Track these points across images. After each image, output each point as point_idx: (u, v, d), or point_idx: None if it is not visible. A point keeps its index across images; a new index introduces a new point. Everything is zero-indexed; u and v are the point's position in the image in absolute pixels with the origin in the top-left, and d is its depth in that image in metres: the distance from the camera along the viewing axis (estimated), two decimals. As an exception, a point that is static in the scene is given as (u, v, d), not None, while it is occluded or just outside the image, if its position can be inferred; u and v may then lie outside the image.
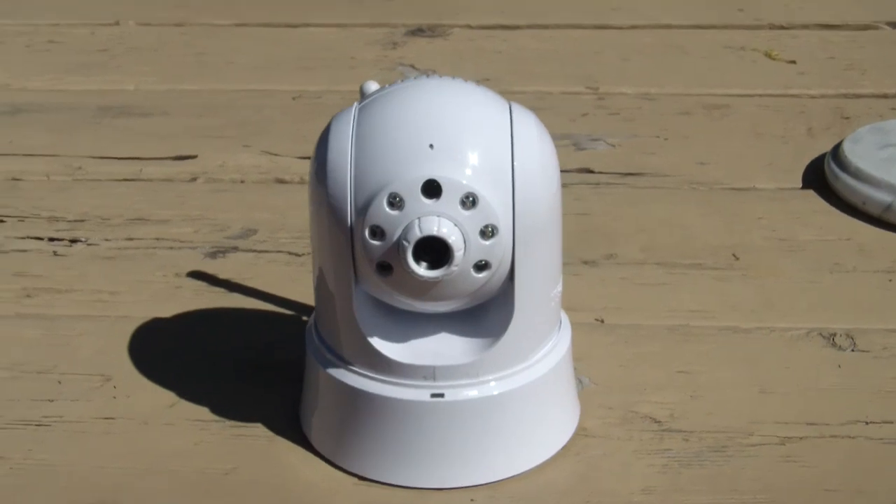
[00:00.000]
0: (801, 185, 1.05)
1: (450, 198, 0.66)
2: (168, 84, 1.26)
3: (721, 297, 0.90)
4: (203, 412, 0.78)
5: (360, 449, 0.72)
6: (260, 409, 0.78)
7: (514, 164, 0.67)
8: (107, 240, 0.98)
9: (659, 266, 0.94)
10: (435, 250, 0.66)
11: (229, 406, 0.78)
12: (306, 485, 0.73)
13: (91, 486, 0.72)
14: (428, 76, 0.71)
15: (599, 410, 0.78)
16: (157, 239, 0.98)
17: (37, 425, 0.78)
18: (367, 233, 0.67)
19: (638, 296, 0.90)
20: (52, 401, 0.80)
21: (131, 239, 0.98)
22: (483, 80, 1.23)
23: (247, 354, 0.83)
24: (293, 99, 1.21)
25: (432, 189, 0.66)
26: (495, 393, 0.71)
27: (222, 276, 0.92)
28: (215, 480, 0.73)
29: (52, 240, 0.98)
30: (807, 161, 1.08)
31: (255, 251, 0.96)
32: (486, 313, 0.72)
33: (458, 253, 0.66)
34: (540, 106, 1.19)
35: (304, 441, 0.75)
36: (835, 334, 0.85)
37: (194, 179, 1.07)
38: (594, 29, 1.36)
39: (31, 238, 0.98)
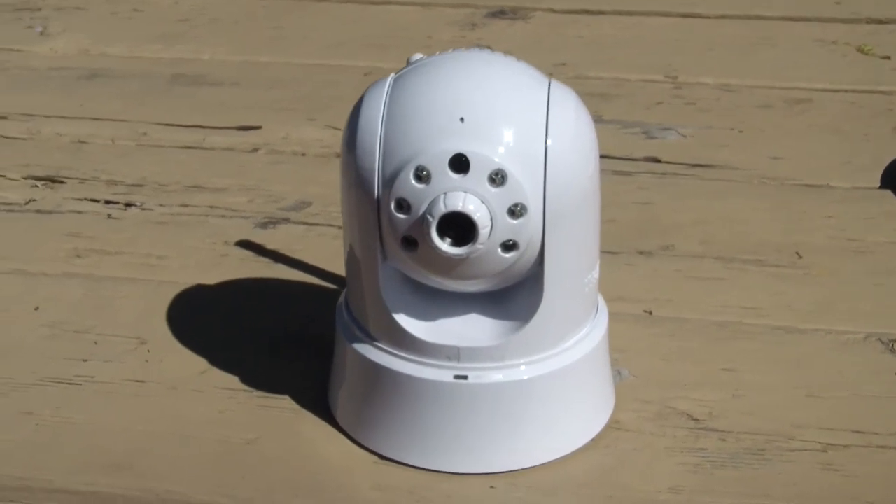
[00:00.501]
0: (878, 186, 1.01)
1: (478, 174, 0.64)
2: (242, 55, 1.25)
3: (777, 295, 0.86)
4: (233, 381, 0.77)
5: (380, 427, 0.71)
6: (290, 381, 0.77)
7: (548, 142, 0.65)
8: (161, 205, 0.98)
9: (716, 260, 0.91)
10: (460, 227, 0.64)
11: (260, 377, 0.77)
12: (325, 460, 0.71)
13: (109, 448, 0.72)
14: (465, 49, 0.69)
15: (635, 404, 0.76)
16: (211, 207, 0.97)
17: (68, 384, 0.77)
18: (393, 206, 0.65)
19: (690, 289, 0.87)
20: (86, 361, 0.79)
21: (185, 205, 0.98)
22: (559, 65, 1.22)
23: (284, 327, 0.82)
24: (364, 75, 1.20)
25: (460, 164, 0.64)
26: (521, 378, 0.69)
27: (270, 246, 0.92)
28: (234, 450, 0.72)
29: (108, 202, 0.98)
30: (887, 161, 1.04)
31: (306, 224, 0.95)
32: (516, 296, 0.70)
33: (484, 230, 0.64)
34: (615, 93, 1.17)
35: (329, 417, 0.74)
36: (895, 341, 0.81)
37: (256, 150, 1.07)
38: (679, 17, 1.33)
39: (88, 200, 0.99)
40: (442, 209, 0.63)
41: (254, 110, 1.13)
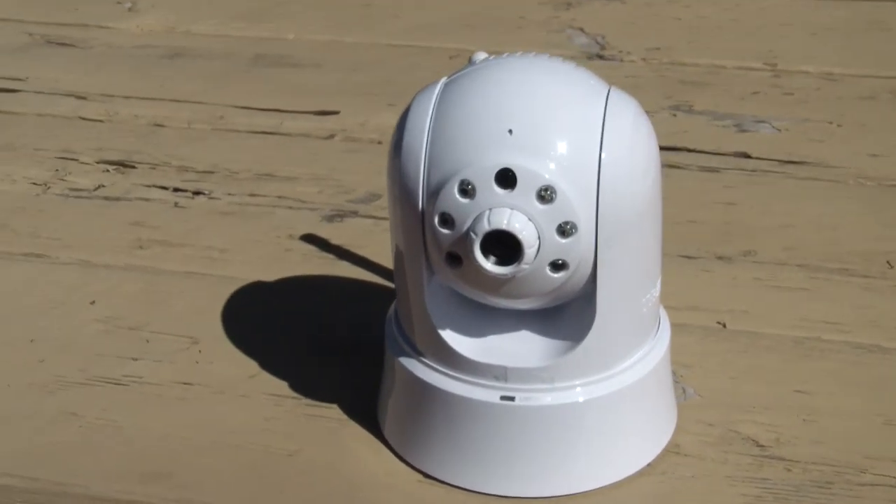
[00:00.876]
0: None
1: (525, 189, 0.60)
2: (328, 35, 1.23)
3: (863, 309, 0.81)
4: (281, 386, 0.75)
5: (425, 445, 0.68)
6: (341, 389, 0.75)
7: (602, 157, 0.61)
8: (230, 194, 0.96)
9: (800, 269, 0.86)
10: (506, 245, 0.61)
11: (310, 383, 0.75)
12: (368, 476, 0.69)
13: (151, 455, 0.71)
14: (520, 54, 0.65)
15: (698, 426, 0.72)
16: (280, 197, 0.95)
17: (115, 384, 0.76)
18: (437, 220, 0.62)
19: (769, 300, 0.82)
20: (136, 359, 0.78)
21: (254, 195, 0.96)
22: (653, 49, 1.17)
23: (340, 329, 0.80)
24: (450, 58, 1.17)
25: (507, 179, 0.60)
26: (572, 402, 0.65)
27: (336, 241, 0.89)
28: (276, 461, 0.70)
29: (176, 190, 0.97)
30: None
31: (373, 217, 0.92)
32: (569, 315, 0.66)
33: (530, 250, 0.60)
34: (709, 81, 1.12)
35: (376, 429, 0.72)
36: None
37: (331, 136, 1.04)
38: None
39: (157, 187, 0.97)
40: (486, 227, 0.60)
41: (333, 94, 1.11)
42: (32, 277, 0.86)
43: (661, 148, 1.00)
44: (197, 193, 0.96)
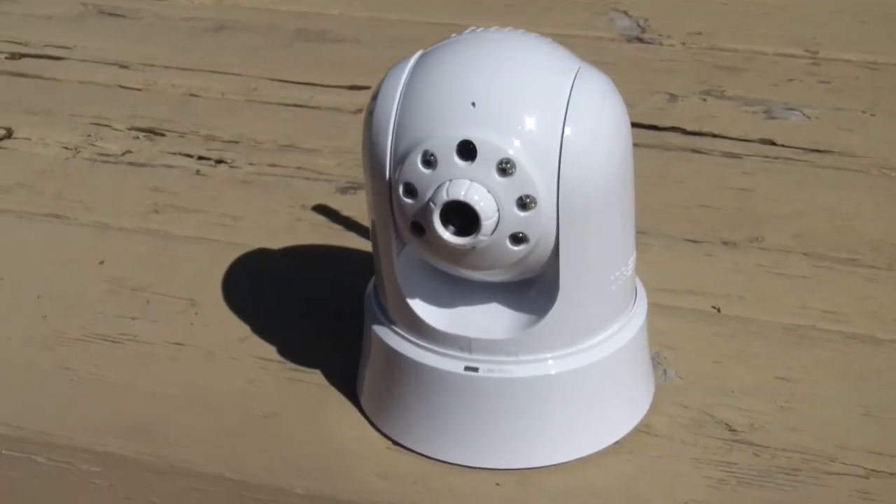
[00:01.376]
0: None
1: (485, 162, 0.61)
2: (372, 12, 1.24)
3: (864, 300, 0.80)
4: (269, 351, 0.77)
5: (394, 413, 0.69)
6: (327, 357, 0.76)
7: (565, 132, 0.61)
8: (250, 164, 0.98)
9: (806, 257, 0.85)
10: (465, 216, 0.61)
11: (298, 349, 0.77)
12: (339, 442, 0.70)
13: (135, 411, 0.73)
14: (495, 29, 0.66)
15: (673, 408, 0.72)
16: (298, 168, 0.97)
17: (111, 342, 0.78)
18: (401, 189, 0.63)
19: (769, 286, 0.82)
20: (134, 319, 0.80)
21: (274, 165, 0.97)
22: (694, 34, 1.16)
23: (337, 298, 0.81)
24: (488, 37, 1.17)
25: (467, 150, 0.61)
26: (535, 375, 0.66)
27: (346, 213, 0.91)
28: (253, 423, 0.72)
29: (200, 158, 0.99)
30: None
31: (386, 192, 0.93)
32: (535, 290, 0.67)
33: (488, 222, 0.61)
34: (744, 66, 1.11)
35: (355, 397, 0.73)
36: (985, 361, 0.75)
37: (359, 111, 1.05)
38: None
39: (182, 155, 0.99)
40: (444, 197, 0.61)
41: (369, 70, 1.12)
42: (50, 237, 0.89)
43: (685, 132, 1.01)
44: (219, 162, 0.98)
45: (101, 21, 1.24)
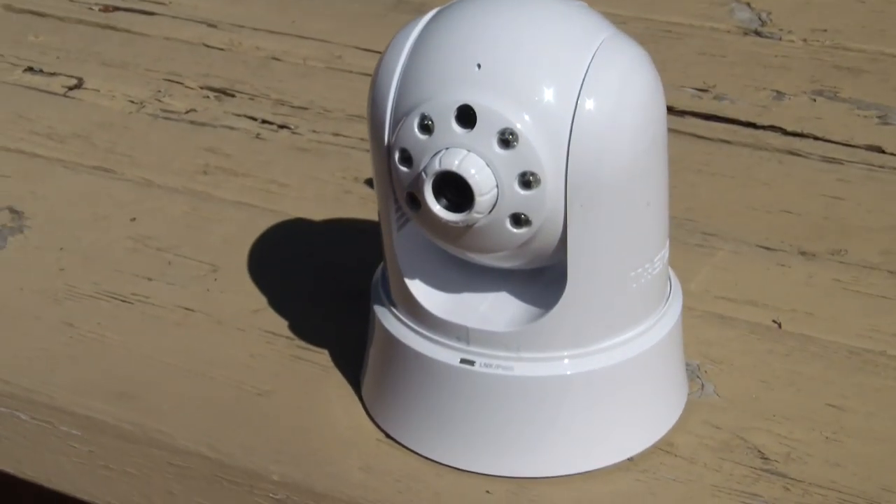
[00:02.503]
0: None
1: (485, 130, 0.54)
2: (479, -13, 1.18)
3: (949, 328, 0.71)
4: (281, 325, 0.72)
5: (388, 404, 0.63)
6: (339, 336, 0.70)
7: (579, 104, 0.54)
8: (314, 131, 0.93)
9: (891, 276, 0.76)
10: (460, 190, 0.55)
11: (309, 326, 0.71)
12: (329, 428, 0.65)
13: (125, 374, 0.68)
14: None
15: (702, 427, 0.64)
16: (362, 139, 0.92)
17: (121, 301, 0.75)
18: (397, 156, 0.57)
19: (842, 304, 0.73)
20: (151, 280, 0.76)
21: (337, 135, 0.92)
22: (819, 31, 1.07)
23: (365, 277, 0.75)
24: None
25: (466, 117, 0.55)
26: (537, 375, 0.59)
27: (399, 189, 0.85)
28: (244, 399, 0.67)
29: (264, 122, 0.95)
30: None
31: (446, 170, 0.87)
32: (545, 281, 0.60)
33: (483, 198, 0.54)
34: (868, 68, 1.01)
35: (358, 382, 0.67)
36: None
37: (440, 86, 1.00)
38: None
39: (247, 117, 0.95)
40: (436, 167, 0.55)
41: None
42: (91, 190, 0.86)
43: (784, 132, 0.93)
44: (282, 127, 0.94)
45: (203, -21, 1.21)
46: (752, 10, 1.12)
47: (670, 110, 0.95)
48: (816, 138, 0.91)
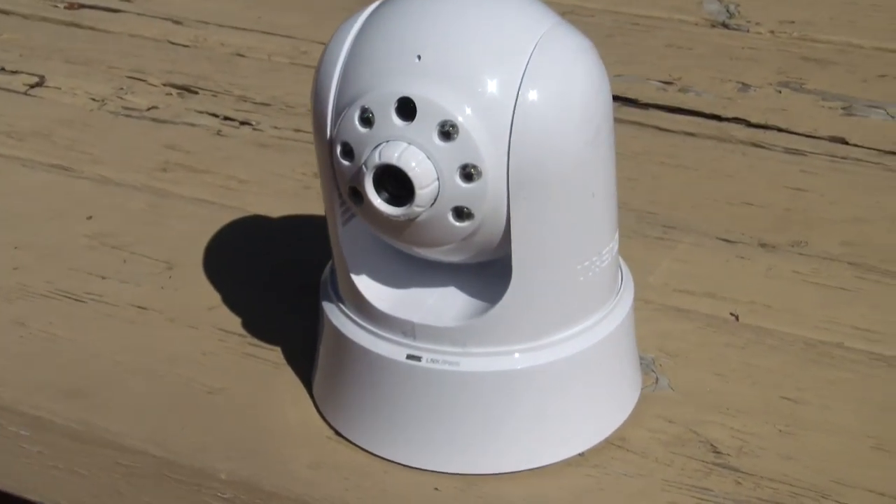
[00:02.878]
0: None
1: (425, 123, 0.54)
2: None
3: (906, 319, 0.71)
4: (234, 322, 0.71)
5: (337, 401, 0.63)
6: (292, 333, 0.70)
7: (520, 95, 0.54)
8: (275, 127, 0.92)
9: (851, 267, 0.75)
10: (401, 183, 0.54)
11: (263, 322, 0.71)
12: (279, 426, 0.64)
13: (75, 373, 0.68)
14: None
15: (655, 421, 0.63)
16: (323, 135, 0.91)
17: (74, 300, 0.74)
18: (339, 150, 0.56)
19: (800, 296, 0.73)
20: (105, 278, 0.75)
21: (298, 130, 0.92)
22: (787, 22, 1.07)
23: (321, 273, 0.75)
24: (562, 14, 1.09)
25: (406, 109, 0.54)
26: (483, 370, 0.58)
27: (360, 185, 0.84)
28: (195, 397, 0.66)
29: (226, 119, 0.94)
30: None
31: (407, 165, 0.87)
32: (492, 275, 0.59)
33: (423, 191, 0.54)
34: (835, 60, 1.01)
35: (309, 378, 0.67)
36: None
37: (405, 81, 0.99)
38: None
39: (208, 114, 0.95)
40: (376, 160, 0.54)
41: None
42: (48, 187, 0.85)
43: (749, 124, 0.92)
44: (244, 123, 0.93)
45: (171, -24, 1.20)
46: (721, 3, 1.12)
47: (635, 103, 0.95)
48: (781, 130, 0.91)
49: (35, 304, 0.73)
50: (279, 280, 0.75)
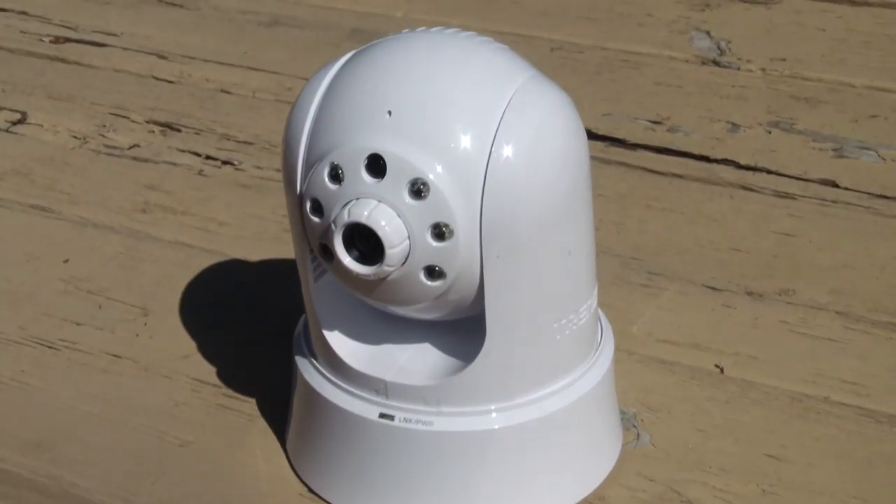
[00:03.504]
0: None
1: (396, 180, 0.53)
2: (437, 16, 1.16)
3: (893, 372, 0.69)
4: (209, 372, 0.70)
5: (309, 457, 0.61)
6: (267, 384, 0.68)
7: (493, 153, 0.53)
8: (257, 167, 0.91)
9: (839, 316, 0.74)
10: (370, 241, 0.53)
11: (239, 373, 0.70)
12: (250, 481, 0.63)
13: (44, 424, 0.66)
14: (437, 29, 0.57)
15: (636, 479, 0.62)
16: (306, 176, 0.90)
17: (48, 346, 0.73)
18: (308, 206, 0.55)
19: (787, 348, 0.71)
20: (80, 325, 0.74)
21: (280, 171, 0.90)
22: (777, 60, 1.05)
23: (297, 322, 0.74)
24: (551, 50, 1.09)
25: (376, 166, 0.53)
26: (457, 430, 0.57)
27: (341, 227, 0.83)
28: (165, 450, 0.65)
29: (208, 158, 0.93)
30: None
31: (390, 207, 0.85)
32: (466, 333, 0.58)
33: (393, 250, 0.53)
34: (826, 99, 1.00)
35: (283, 430, 0.65)
36: None
37: (390, 119, 0.98)
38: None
39: (190, 153, 0.93)
40: (345, 219, 0.53)
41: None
42: (25, 230, 0.84)
43: (738, 166, 0.91)
44: (226, 163, 0.92)
45: (158, 10, 1.19)
46: (712, 39, 1.11)
47: (622, 143, 0.94)
48: (770, 172, 0.90)
49: (6, 351, 0.72)
50: (256, 327, 0.73)
